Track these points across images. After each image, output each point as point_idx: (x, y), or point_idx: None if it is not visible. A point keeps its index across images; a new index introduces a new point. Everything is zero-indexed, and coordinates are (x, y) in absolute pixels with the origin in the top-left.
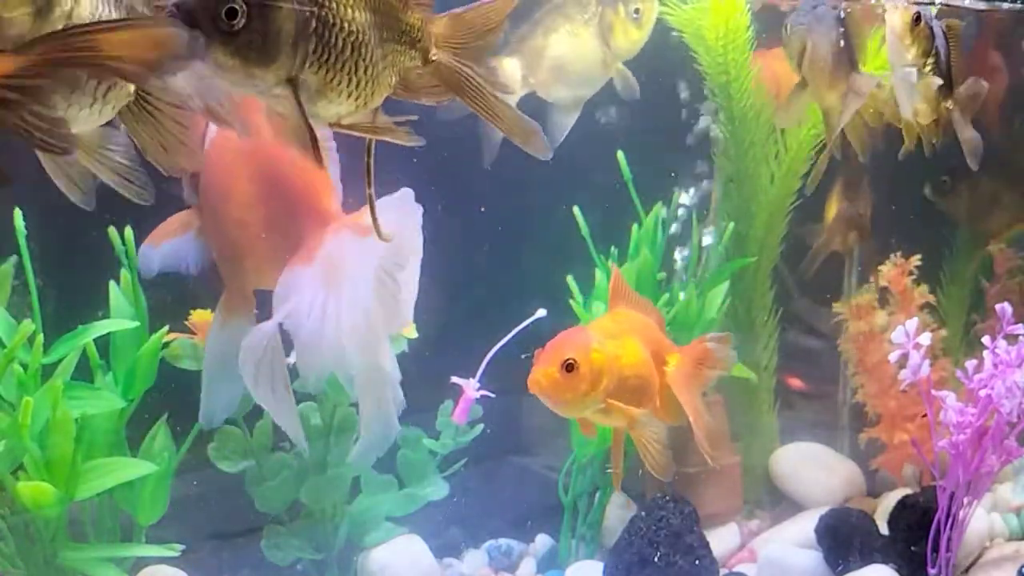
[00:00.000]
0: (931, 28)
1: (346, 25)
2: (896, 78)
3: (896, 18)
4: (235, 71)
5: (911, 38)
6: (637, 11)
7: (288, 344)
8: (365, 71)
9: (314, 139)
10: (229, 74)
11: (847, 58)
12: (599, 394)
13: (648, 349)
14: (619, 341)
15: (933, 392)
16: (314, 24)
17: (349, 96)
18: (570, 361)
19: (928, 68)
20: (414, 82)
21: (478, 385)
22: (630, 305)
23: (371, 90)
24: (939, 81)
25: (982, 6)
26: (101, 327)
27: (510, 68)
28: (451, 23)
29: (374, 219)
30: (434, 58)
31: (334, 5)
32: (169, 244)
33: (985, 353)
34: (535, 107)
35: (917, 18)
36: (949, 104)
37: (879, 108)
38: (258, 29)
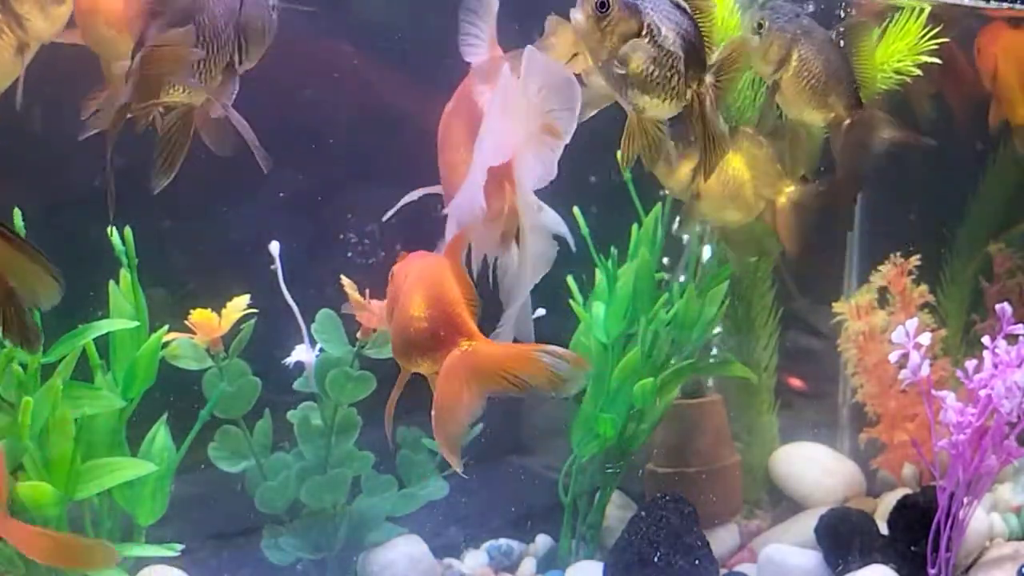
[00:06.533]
0: (634, 6)
1: None
2: (595, 78)
3: (578, 14)
4: None
5: (600, 31)
6: None
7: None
8: None
9: None
10: None
11: (839, 79)
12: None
13: (439, 318)
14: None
15: (933, 392)
16: None
17: None
18: None
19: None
20: None
21: None
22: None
23: None
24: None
25: (982, 6)
26: (101, 327)
27: None
28: None
29: None
30: None
31: None
32: None
33: (985, 353)
34: None
35: (602, 4)
36: (701, 89)
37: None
38: None
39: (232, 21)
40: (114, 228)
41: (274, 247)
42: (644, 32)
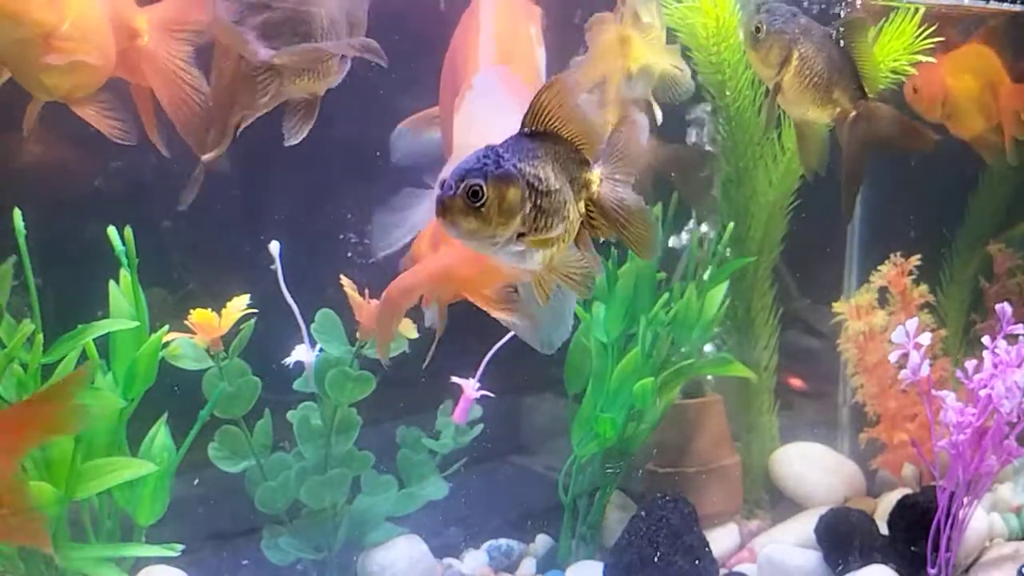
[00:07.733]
0: (508, 175)
1: None
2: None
3: (460, 226)
4: None
5: (486, 224)
6: None
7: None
8: None
9: None
10: None
11: (842, 73)
12: None
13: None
14: None
15: (933, 392)
16: None
17: None
18: None
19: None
20: None
21: (478, 385)
22: None
23: None
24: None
25: (982, 6)
26: (101, 327)
27: None
28: None
29: None
30: None
31: None
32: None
33: (985, 353)
34: None
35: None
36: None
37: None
38: None
39: (343, 12)
40: (114, 228)
41: (274, 247)
42: (530, 193)
